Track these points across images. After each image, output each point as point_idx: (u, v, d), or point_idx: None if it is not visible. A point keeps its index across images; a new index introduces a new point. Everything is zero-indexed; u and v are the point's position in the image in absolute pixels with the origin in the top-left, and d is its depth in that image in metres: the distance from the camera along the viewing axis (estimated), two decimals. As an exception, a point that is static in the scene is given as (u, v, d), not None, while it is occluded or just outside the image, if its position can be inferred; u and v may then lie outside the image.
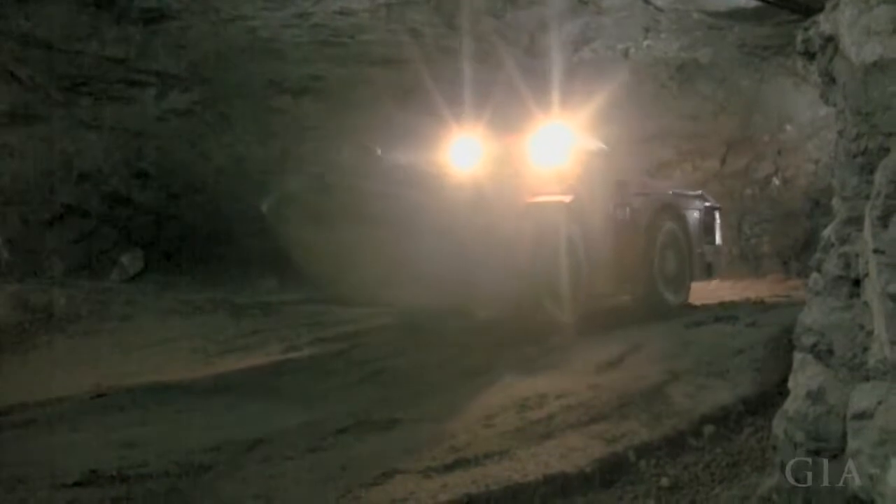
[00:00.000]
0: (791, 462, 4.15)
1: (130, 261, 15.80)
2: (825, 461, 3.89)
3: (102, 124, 15.74)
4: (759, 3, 13.53)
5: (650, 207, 11.02)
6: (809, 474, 4.01)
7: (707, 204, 12.56)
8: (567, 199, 9.79)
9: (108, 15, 14.58)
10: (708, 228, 12.27)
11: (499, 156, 10.41)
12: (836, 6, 3.92)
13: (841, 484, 3.52)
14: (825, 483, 3.85)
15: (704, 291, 12.57)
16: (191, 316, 13.30)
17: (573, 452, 5.91)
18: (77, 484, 5.96)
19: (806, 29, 4.32)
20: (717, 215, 12.63)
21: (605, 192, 10.42)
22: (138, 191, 16.35)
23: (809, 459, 4.02)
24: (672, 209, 11.51)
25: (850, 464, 3.33)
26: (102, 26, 14.72)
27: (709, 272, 12.24)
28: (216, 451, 6.61)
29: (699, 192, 13.08)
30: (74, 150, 15.62)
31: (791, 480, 4.13)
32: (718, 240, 12.52)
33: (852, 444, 3.36)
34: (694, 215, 11.96)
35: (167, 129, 16.13)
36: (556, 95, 11.24)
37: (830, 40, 3.97)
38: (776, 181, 17.12)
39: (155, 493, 5.76)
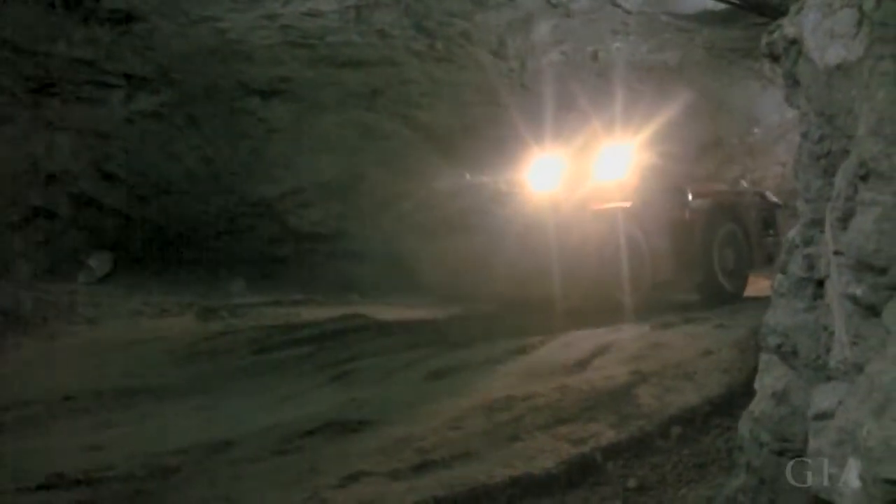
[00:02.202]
0: (756, 462, 4.17)
1: (98, 263, 15.71)
2: (789, 461, 3.91)
3: (70, 126, 15.64)
4: (727, 6, 13.61)
5: (708, 208, 12.23)
6: (774, 474, 4.03)
7: (768, 201, 13.68)
8: (626, 205, 11.33)
9: (75, 16, 14.49)
10: (768, 223, 13.30)
11: (569, 172, 12.13)
12: (800, 9, 3.93)
13: (804, 484, 3.54)
14: (789, 483, 3.87)
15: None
16: (159, 318, 13.26)
17: (540, 454, 5.93)
18: (42, 487, 5.94)
19: (770, 32, 4.33)
20: (777, 212, 13.61)
21: (663, 198, 11.80)
22: (106, 193, 16.26)
23: (774, 459, 4.04)
24: (730, 208, 12.72)
25: (811, 464, 3.34)
26: (69, 27, 14.63)
27: (770, 262, 12.95)
28: (183, 454, 6.60)
29: (761, 191, 14.31)
30: (42, 152, 15.52)
31: (756, 481, 4.15)
32: (779, 233, 13.20)
33: (813, 444, 3.37)
34: (752, 212, 13.08)
35: (135, 130, 16.04)
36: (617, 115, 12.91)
37: (794, 43, 3.98)
38: (745, 183, 17.22)
39: (121, 496, 5.75)
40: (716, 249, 11.98)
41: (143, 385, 9.46)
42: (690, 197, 11.95)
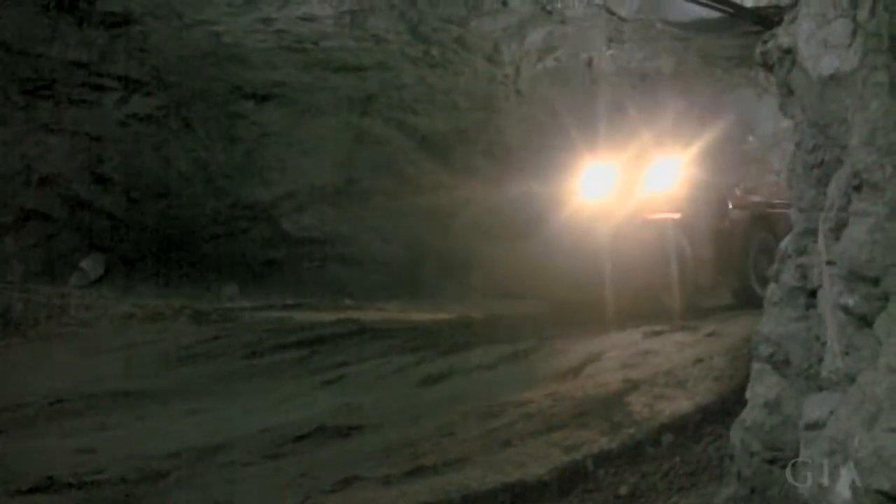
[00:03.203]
0: (748, 471, 4.17)
1: (91, 266, 15.68)
2: (780, 470, 3.91)
3: (64, 128, 15.63)
4: (722, 15, 13.64)
5: (746, 219, 12.88)
6: (765, 483, 4.03)
7: None
8: (676, 215, 11.91)
9: (70, 18, 14.51)
10: None
11: (623, 183, 12.64)
12: (794, 19, 3.94)
13: (795, 493, 3.54)
14: (780, 492, 3.87)
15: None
16: (151, 322, 13.21)
17: (532, 461, 5.92)
18: (33, 490, 5.92)
19: (765, 41, 4.34)
20: None
21: (708, 210, 12.40)
22: (100, 195, 16.23)
23: (765, 468, 4.04)
24: (765, 219, 13.11)
25: (803, 473, 3.34)
26: (64, 30, 14.64)
27: None
28: (175, 458, 6.59)
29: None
30: (35, 154, 15.51)
31: (747, 489, 4.15)
32: None
33: (804, 454, 3.38)
34: (783, 223, 13.42)
35: (129, 133, 16.02)
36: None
37: (789, 52, 3.99)
38: (738, 192, 17.26)
39: (112, 500, 5.74)
40: (751, 257, 12.48)
41: (135, 388, 9.44)
42: (731, 208, 12.65)
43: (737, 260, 12.35)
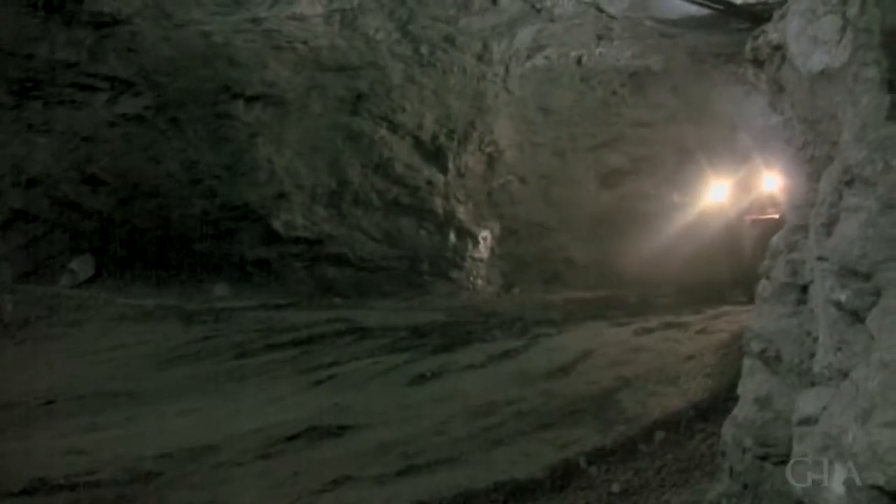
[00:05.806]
0: (740, 467, 4.17)
1: (81, 266, 15.65)
2: (772, 466, 3.91)
3: (52, 128, 15.57)
4: (711, 12, 13.64)
5: None
6: (757, 479, 4.03)
7: None
8: (776, 216, 13.57)
9: (58, 18, 14.43)
10: None
11: (733, 191, 15.69)
12: (784, 16, 3.94)
13: (787, 489, 3.53)
14: (772, 488, 3.87)
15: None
16: (142, 322, 13.19)
17: (524, 459, 5.93)
18: (24, 492, 5.91)
19: (755, 37, 4.34)
20: None
21: None
22: (89, 196, 16.18)
23: (757, 464, 4.04)
24: None
25: (795, 469, 3.34)
26: (53, 30, 14.57)
27: None
28: (166, 458, 6.59)
29: None
30: (24, 155, 15.46)
31: (739, 486, 4.15)
32: None
33: (797, 450, 3.37)
34: None
35: (118, 133, 15.96)
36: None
37: (778, 49, 3.99)
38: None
39: (104, 501, 5.72)
40: None
41: (125, 389, 9.43)
42: None
43: None
